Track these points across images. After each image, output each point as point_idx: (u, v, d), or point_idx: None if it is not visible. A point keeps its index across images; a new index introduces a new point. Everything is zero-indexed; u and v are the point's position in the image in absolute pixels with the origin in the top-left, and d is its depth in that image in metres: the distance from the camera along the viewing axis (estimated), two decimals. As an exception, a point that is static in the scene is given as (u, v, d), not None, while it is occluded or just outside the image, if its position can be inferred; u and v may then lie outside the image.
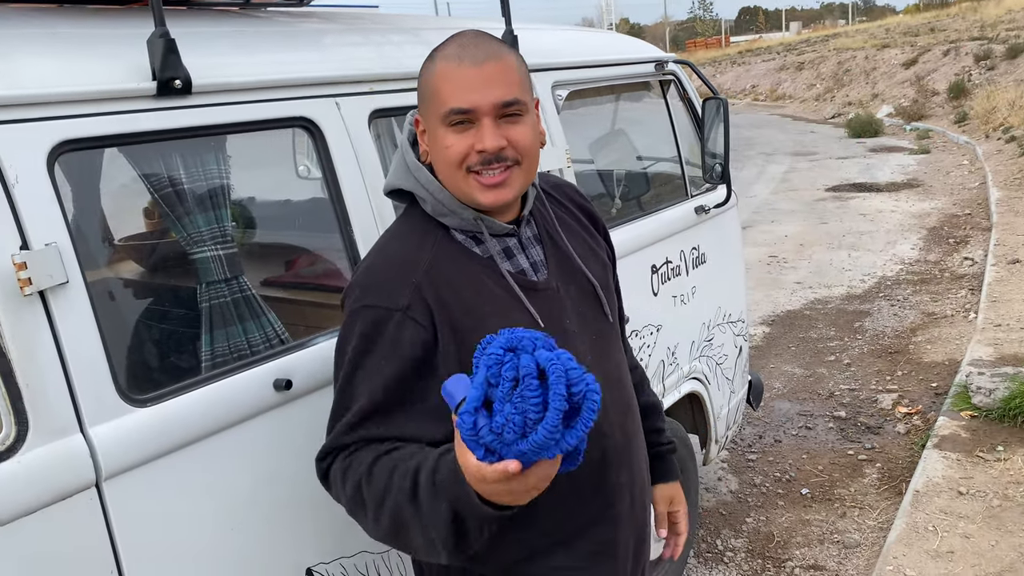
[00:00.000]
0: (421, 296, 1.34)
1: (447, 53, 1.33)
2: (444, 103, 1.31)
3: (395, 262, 1.39)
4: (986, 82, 16.98)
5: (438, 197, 1.39)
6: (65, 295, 1.33)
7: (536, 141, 1.38)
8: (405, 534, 1.27)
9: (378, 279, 1.38)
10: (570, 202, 1.62)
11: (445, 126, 1.32)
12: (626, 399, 1.55)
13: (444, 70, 1.32)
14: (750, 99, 28.65)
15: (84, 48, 1.49)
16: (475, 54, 1.31)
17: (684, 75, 3.20)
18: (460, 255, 1.40)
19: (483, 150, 1.30)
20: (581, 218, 1.61)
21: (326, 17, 2.14)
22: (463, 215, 1.39)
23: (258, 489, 1.60)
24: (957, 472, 3.75)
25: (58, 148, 1.37)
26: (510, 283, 1.39)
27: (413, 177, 1.42)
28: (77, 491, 1.33)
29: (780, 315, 6.48)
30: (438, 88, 1.32)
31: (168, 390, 1.49)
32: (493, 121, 1.31)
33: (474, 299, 1.37)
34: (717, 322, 3.30)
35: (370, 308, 1.34)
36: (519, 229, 1.45)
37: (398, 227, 1.48)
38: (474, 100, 1.29)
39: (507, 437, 0.99)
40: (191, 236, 1.67)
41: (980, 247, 7.75)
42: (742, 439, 4.47)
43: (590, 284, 1.50)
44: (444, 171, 1.36)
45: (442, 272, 1.37)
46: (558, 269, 1.47)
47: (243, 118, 1.64)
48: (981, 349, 5.08)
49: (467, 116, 1.30)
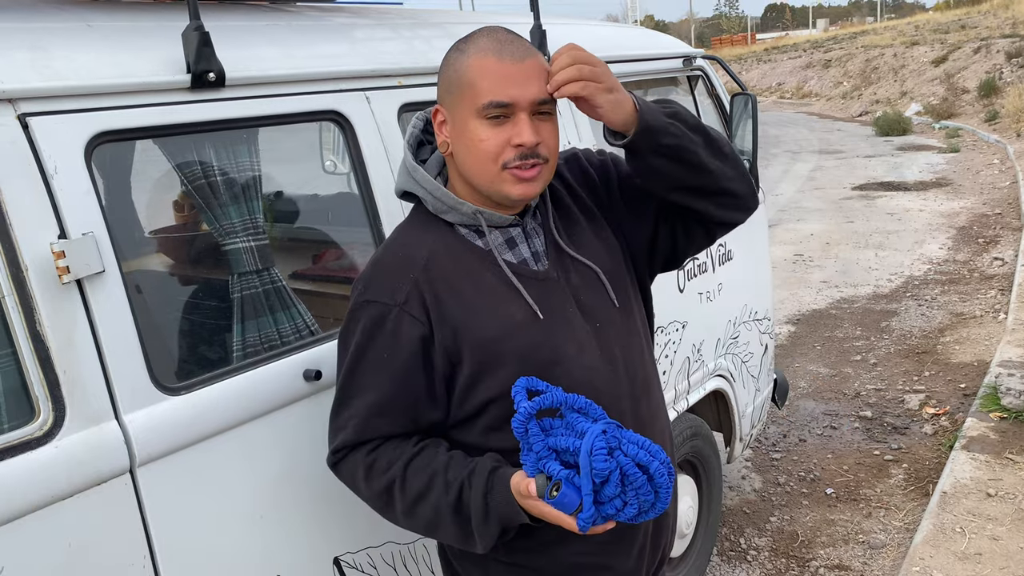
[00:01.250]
0: (418, 291, 1.38)
1: (484, 47, 1.34)
2: (482, 96, 1.32)
3: (397, 258, 1.43)
4: (1018, 80, 16.72)
5: (436, 195, 1.43)
6: (102, 284, 1.35)
7: (559, 139, 1.41)
8: (438, 531, 1.42)
9: (381, 274, 1.43)
10: (580, 175, 1.58)
11: (480, 119, 1.33)
12: (640, 384, 1.52)
13: (483, 63, 1.33)
14: (776, 97, 28.42)
15: (120, 41, 1.51)
16: (515, 51, 1.33)
17: (712, 71, 3.19)
18: (460, 249, 1.43)
19: (521, 144, 1.32)
20: (583, 196, 1.56)
21: (355, 12, 2.16)
22: (462, 210, 1.42)
23: (287, 478, 1.62)
24: (986, 474, 3.71)
25: (95, 139, 1.39)
26: (507, 274, 1.41)
27: (412, 178, 1.46)
28: (112, 477, 1.35)
29: (805, 314, 6.43)
30: (474, 81, 1.33)
31: (201, 379, 1.51)
32: (529, 117, 1.33)
33: (471, 292, 1.40)
34: (743, 319, 3.28)
35: (371, 303, 1.40)
36: (523, 219, 1.47)
37: (404, 224, 1.52)
38: (514, 95, 1.31)
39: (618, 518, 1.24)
40: (223, 227, 1.69)
41: (1010, 247, 7.64)
42: (766, 438, 4.45)
43: (592, 271, 1.50)
44: (476, 162, 1.37)
45: (440, 267, 1.41)
46: (557, 258, 1.48)
47: (275, 111, 1.66)
48: (1011, 350, 5.01)
49: (505, 111, 1.32)
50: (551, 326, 1.42)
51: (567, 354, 1.42)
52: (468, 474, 1.36)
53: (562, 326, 1.43)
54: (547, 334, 1.41)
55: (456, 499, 1.35)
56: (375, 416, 1.41)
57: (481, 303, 1.39)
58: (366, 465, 1.42)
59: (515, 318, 1.40)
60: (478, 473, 1.35)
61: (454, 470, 1.37)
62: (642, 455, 1.20)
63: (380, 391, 1.40)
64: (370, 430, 1.42)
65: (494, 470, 1.35)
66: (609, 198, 1.59)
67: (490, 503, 1.33)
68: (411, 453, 1.40)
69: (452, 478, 1.36)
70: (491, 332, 1.38)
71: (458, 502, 1.35)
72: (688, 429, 2.94)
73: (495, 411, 1.41)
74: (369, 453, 1.42)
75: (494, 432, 1.42)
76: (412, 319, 1.38)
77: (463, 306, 1.39)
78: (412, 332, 1.38)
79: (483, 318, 1.39)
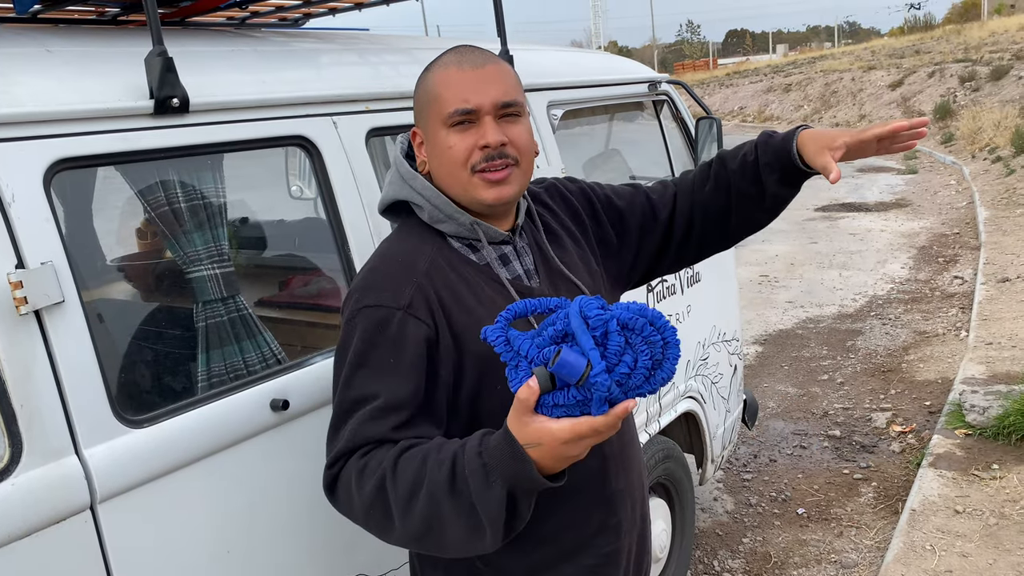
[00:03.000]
0: (423, 295, 1.34)
1: (445, 61, 1.39)
2: (447, 105, 1.35)
3: (396, 264, 1.38)
4: (971, 103, 17.18)
5: (435, 203, 1.41)
6: (61, 314, 1.31)
7: (531, 144, 1.42)
8: (439, 530, 1.21)
9: (379, 280, 1.37)
10: (561, 201, 1.62)
11: (448, 128, 1.35)
12: None
13: (445, 75, 1.37)
14: (738, 120, 28.87)
15: (81, 66, 1.49)
16: (474, 59, 1.37)
17: (677, 95, 3.22)
18: (458, 261, 1.41)
19: (487, 144, 1.34)
20: (567, 221, 1.60)
21: (321, 37, 2.15)
22: (460, 220, 1.40)
23: (255, 512, 1.58)
24: (953, 491, 3.75)
25: (55, 166, 1.36)
26: (508, 288, 1.40)
27: (409, 186, 1.43)
28: (71, 514, 1.31)
29: (772, 334, 6.49)
30: (439, 93, 1.36)
31: (164, 411, 1.47)
32: (494, 119, 1.35)
33: (473, 303, 1.37)
34: (712, 341, 3.29)
35: (372, 308, 1.32)
36: (514, 237, 1.48)
37: (396, 235, 1.48)
38: (476, 100, 1.34)
39: (633, 383, 1.07)
40: (188, 255, 1.66)
41: (969, 266, 7.80)
42: (737, 458, 4.46)
43: (579, 290, 1.50)
44: (447, 173, 1.38)
45: (441, 275, 1.38)
46: (548, 277, 1.48)
47: (240, 136, 1.64)
48: (973, 367, 5.09)
49: (469, 116, 1.34)
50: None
51: None
52: (460, 445, 1.20)
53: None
54: None
55: (450, 473, 1.17)
56: (372, 421, 1.28)
57: (483, 313, 1.36)
58: (358, 469, 1.26)
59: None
60: (471, 440, 1.20)
61: (446, 448, 1.21)
62: (634, 306, 1.09)
63: (382, 397, 1.28)
64: (365, 434, 1.28)
65: (488, 432, 1.20)
66: (596, 223, 1.62)
67: (487, 460, 1.14)
68: (403, 447, 1.26)
69: (444, 456, 1.20)
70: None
71: (452, 476, 1.17)
72: (660, 451, 2.94)
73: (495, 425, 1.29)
74: (361, 457, 1.28)
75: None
76: (417, 321, 1.31)
77: (466, 314, 1.36)
78: (418, 334, 1.31)
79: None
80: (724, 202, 1.63)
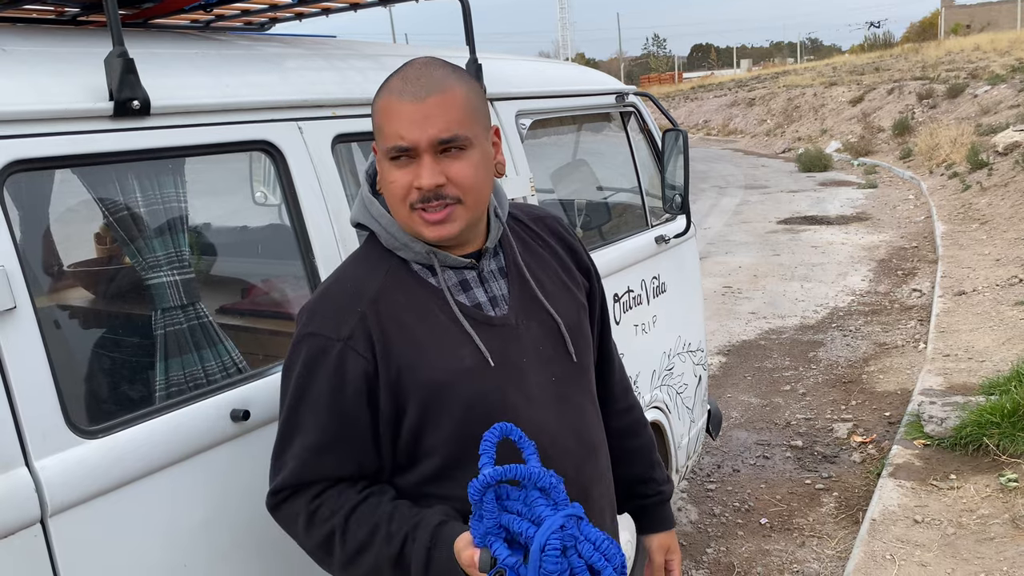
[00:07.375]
0: (365, 326, 1.32)
1: (390, 86, 1.31)
2: (386, 139, 1.29)
3: (345, 290, 1.37)
4: (929, 120, 17.56)
5: (390, 231, 1.38)
6: (12, 321, 1.27)
7: (482, 176, 1.33)
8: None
9: (327, 307, 1.36)
10: (551, 235, 1.57)
11: (388, 160, 1.30)
12: (587, 445, 1.48)
13: (387, 104, 1.29)
14: (703, 133, 29.22)
15: (38, 66, 1.45)
16: (416, 89, 1.27)
17: (644, 107, 3.24)
18: (413, 285, 1.38)
19: (420, 187, 1.28)
20: (560, 252, 1.56)
21: (287, 42, 2.12)
22: (415, 248, 1.37)
23: (213, 525, 1.54)
24: (912, 501, 3.80)
25: (9, 168, 1.32)
26: (458, 316, 1.36)
27: (367, 211, 1.41)
28: (20, 528, 1.26)
29: (736, 345, 6.54)
30: (380, 124, 1.31)
31: (120, 421, 1.43)
32: (432, 157, 1.27)
33: (421, 331, 1.34)
34: (677, 351, 3.31)
35: (314, 336, 1.33)
36: (479, 263, 1.42)
37: (356, 254, 1.46)
38: (412, 137, 1.26)
39: None
40: (146, 261, 1.62)
41: (927, 279, 7.95)
42: (701, 468, 4.48)
43: (554, 322, 1.45)
44: (391, 204, 1.34)
45: (390, 302, 1.35)
46: (520, 305, 1.43)
47: (203, 140, 1.60)
48: (932, 379, 5.18)
49: (408, 153, 1.28)
50: (502, 375, 1.36)
51: (515, 405, 1.36)
52: (412, 527, 1.29)
53: (514, 376, 1.38)
54: (496, 382, 1.35)
55: (398, 552, 1.28)
56: (316, 456, 1.33)
57: (431, 343, 1.34)
58: (308, 512, 1.33)
59: (464, 363, 1.34)
60: (423, 527, 1.28)
61: (398, 521, 1.30)
62: (596, 558, 1.14)
63: (322, 431, 1.32)
64: (311, 472, 1.34)
65: (441, 524, 1.28)
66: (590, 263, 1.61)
67: (433, 557, 1.26)
68: (355, 501, 1.33)
69: (395, 530, 1.29)
70: (438, 375, 1.32)
71: (400, 555, 1.28)
72: (625, 462, 2.93)
73: (439, 460, 1.35)
74: (312, 500, 1.33)
75: (436, 481, 1.36)
76: (356, 355, 1.31)
77: (411, 345, 1.33)
78: (356, 368, 1.31)
79: (431, 358, 1.33)
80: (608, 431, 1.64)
